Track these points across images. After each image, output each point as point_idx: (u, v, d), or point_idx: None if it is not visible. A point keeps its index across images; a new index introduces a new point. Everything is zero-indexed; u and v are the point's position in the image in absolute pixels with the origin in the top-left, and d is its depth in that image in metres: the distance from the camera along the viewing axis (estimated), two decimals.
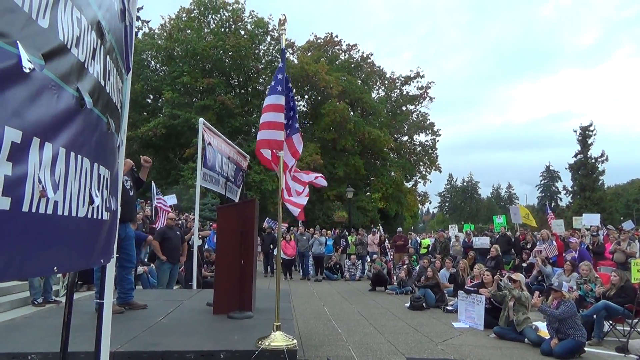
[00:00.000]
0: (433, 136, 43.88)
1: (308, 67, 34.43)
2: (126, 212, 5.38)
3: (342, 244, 17.90)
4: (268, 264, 17.06)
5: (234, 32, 35.70)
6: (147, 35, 36.87)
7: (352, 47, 43.02)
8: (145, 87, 36.15)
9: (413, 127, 43.66)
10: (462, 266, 11.94)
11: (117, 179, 2.85)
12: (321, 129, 35.97)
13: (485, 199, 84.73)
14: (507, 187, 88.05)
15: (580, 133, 51.95)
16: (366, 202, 36.04)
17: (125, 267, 5.81)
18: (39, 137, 1.48)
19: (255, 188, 28.97)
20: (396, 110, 44.38)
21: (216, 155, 9.59)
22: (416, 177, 43.96)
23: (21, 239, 1.43)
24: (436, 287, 10.68)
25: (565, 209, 53.34)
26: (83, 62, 1.89)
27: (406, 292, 12.36)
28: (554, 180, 71.04)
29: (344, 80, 37.29)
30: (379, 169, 39.68)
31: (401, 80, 44.45)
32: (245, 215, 5.66)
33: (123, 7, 2.69)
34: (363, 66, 43.13)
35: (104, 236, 2.48)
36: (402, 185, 39.84)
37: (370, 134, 35.66)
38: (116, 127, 2.66)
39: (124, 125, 3.06)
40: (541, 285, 10.96)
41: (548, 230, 15.50)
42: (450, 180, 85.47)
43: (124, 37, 2.74)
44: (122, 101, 2.90)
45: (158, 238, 9.36)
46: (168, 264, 9.29)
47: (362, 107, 39.84)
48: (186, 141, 31.74)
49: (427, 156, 43.71)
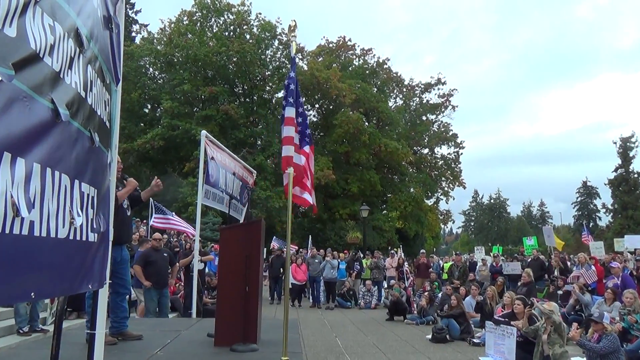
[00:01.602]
0: (456, 148, 43.84)
1: (319, 74, 34.72)
2: (123, 233, 5.42)
3: (356, 268, 17.79)
4: (275, 289, 17.00)
5: (238, 37, 36.19)
6: (145, 40, 37.58)
7: (367, 51, 43.35)
8: (143, 96, 36.70)
9: (434, 138, 43.64)
10: (490, 293, 11.78)
11: (107, 198, 2.88)
12: (333, 141, 36.10)
13: (514, 218, 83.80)
14: (539, 205, 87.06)
15: (620, 145, 51.36)
16: (383, 222, 35.90)
17: (120, 293, 5.83)
18: (10, 152, 1.50)
19: (260, 206, 29.04)
20: (415, 120, 44.45)
21: (220, 171, 9.64)
22: (438, 193, 43.82)
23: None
24: (461, 316, 10.55)
25: (605, 229, 52.52)
26: (58, 72, 1.92)
27: (428, 322, 12.23)
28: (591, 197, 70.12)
29: (358, 88, 37.50)
30: (396, 185, 39.61)
31: (421, 87, 44.62)
32: (250, 237, 5.66)
33: (107, 13, 2.74)
34: (379, 72, 43.38)
35: (92, 259, 2.50)
36: (422, 202, 39.68)
37: (387, 146, 35.69)
38: (104, 142, 2.69)
39: (115, 141, 3.09)
40: (579, 315, 10.76)
41: (586, 253, 15.27)
42: (475, 197, 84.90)
43: (110, 46, 2.79)
44: (111, 114, 2.94)
45: (141, 262, 9.29)
46: (154, 290, 9.26)
47: (378, 117, 39.96)
48: (186, 154, 32.05)
49: (449, 171, 43.57)
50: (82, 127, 2.22)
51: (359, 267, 17.95)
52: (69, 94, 2.05)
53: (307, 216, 36.83)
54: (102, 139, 2.64)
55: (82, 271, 2.34)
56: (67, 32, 2.00)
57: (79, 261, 2.27)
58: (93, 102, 2.42)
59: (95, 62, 2.48)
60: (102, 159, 2.69)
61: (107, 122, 2.79)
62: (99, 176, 2.63)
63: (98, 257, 2.63)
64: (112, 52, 2.83)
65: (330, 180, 31.90)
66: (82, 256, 2.31)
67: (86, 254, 2.39)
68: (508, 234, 76.65)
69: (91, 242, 2.44)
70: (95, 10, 2.49)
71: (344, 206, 35.23)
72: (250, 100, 38.66)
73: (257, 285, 5.66)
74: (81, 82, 2.19)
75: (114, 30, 2.83)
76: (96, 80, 2.49)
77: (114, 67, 2.90)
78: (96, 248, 2.57)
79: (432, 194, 43.36)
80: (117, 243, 5.30)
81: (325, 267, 16.66)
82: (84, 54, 2.22)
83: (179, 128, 32.21)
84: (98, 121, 2.55)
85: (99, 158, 2.59)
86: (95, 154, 2.48)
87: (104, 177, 2.76)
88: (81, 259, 2.30)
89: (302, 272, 16.67)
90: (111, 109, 2.95)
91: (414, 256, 24.97)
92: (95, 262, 2.58)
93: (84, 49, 2.22)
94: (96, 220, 2.55)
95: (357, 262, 18.18)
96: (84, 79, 2.24)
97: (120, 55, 3.04)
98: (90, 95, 2.35)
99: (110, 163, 2.96)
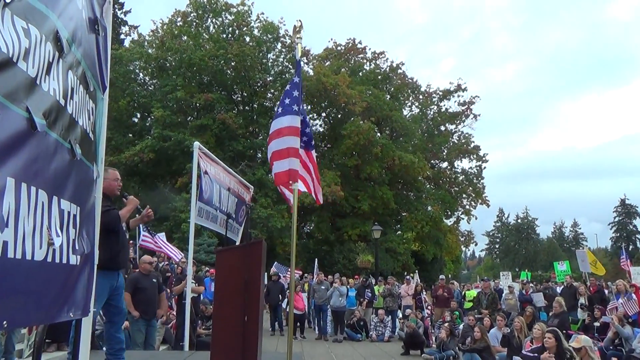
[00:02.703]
0: (479, 162, 43.83)
1: (326, 80, 34.95)
2: (120, 257, 5.44)
3: (367, 296, 17.67)
4: (276, 319, 16.91)
5: (237, 39, 36.59)
6: (135, 42, 38.06)
7: (379, 55, 43.72)
8: (132, 104, 37.06)
9: (454, 151, 43.66)
10: (517, 325, 11.65)
11: (91, 216, 2.88)
12: (341, 154, 36.20)
13: (544, 240, 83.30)
14: (572, 226, 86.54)
15: None
16: (397, 244, 35.80)
17: (114, 322, 5.82)
18: None
19: (260, 225, 29.05)
20: (433, 130, 44.54)
21: (214, 187, 9.66)
22: (458, 212, 43.72)
23: None
24: (485, 350, 10.44)
25: None
26: (34, 78, 1.94)
27: (448, 357, 12.10)
28: (631, 217, 69.70)
29: (369, 95, 37.70)
30: (412, 203, 39.56)
31: (439, 94, 44.81)
32: (250, 260, 5.65)
33: (94, 15, 2.76)
34: (392, 78, 43.67)
35: (73, 284, 2.49)
36: (441, 222, 39.58)
37: (402, 159, 35.73)
38: (87, 155, 2.70)
39: (101, 154, 3.11)
40: (619, 350, 10.64)
41: (625, 280, 15.12)
42: (500, 217, 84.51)
43: (96, 50, 2.82)
44: (96, 124, 2.96)
45: (129, 289, 9.19)
46: (142, 321, 9.19)
47: (391, 127, 40.10)
48: (178, 168, 32.18)
49: (471, 187, 43.50)
50: (61, 139, 2.24)
51: (370, 294, 17.82)
52: (46, 102, 2.07)
53: (313, 237, 36.80)
54: (85, 152, 2.66)
55: (62, 297, 2.34)
56: (45, 36, 2.02)
57: (59, 286, 2.27)
58: (74, 111, 2.44)
59: (78, 67, 2.50)
60: (85, 174, 2.70)
61: (90, 133, 2.81)
62: (82, 192, 2.63)
63: (81, 282, 2.63)
64: (98, 57, 2.86)
65: (339, 197, 31.89)
66: (61, 280, 2.30)
67: (67, 278, 2.38)
68: (537, 258, 76.09)
69: (72, 264, 2.44)
70: (80, 11, 2.52)
71: (353, 226, 35.16)
72: (250, 108, 38.92)
73: (258, 314, 5.63)
74: (60, 89, 2.21)
75: (100, 33, 2.86)
76: (78, 87, 2.51)
77: (99, 73, 2.93)
78: (79, 271, 2.57)
79: (452, 213, 43.26)
80: (113, 268, 5.34)
81: (333, 294, 16.55)
82: (64, 58, 2.25)
83: (171, 139, 32.40)
84: (80, 132, 2.57)
85: (81, 172, 2.60)
86: (76, 167, 2.49)
87: (87, 194, 2.77)
88: (61, 283, 2.30)
89: (301, 300, 16.57)
90: (96, 118, 2.97)
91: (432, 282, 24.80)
92: (77, 287, 2.57)
93: (64, 53, 2.24)
94: (79, 241, 2.56)
95: (369, 289, 18.04)
96: (64, 86, 2.27)
97: (107, 60, 3.07)
98: (70, 104, 2.37)
99: (97, 178, 2.98)
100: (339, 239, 35.50)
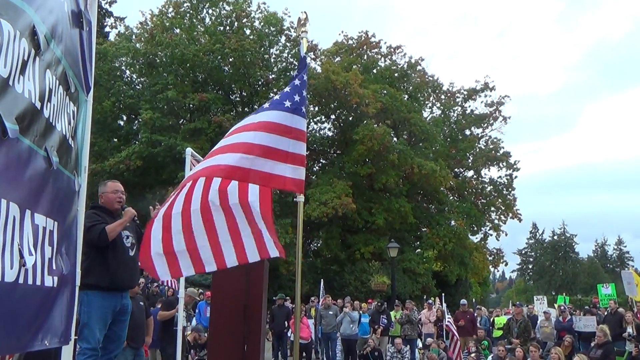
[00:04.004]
0: (509, 170, 43.59)
1: (335, 78, 34.97)
2: (125, 277, 5.46)
3: (383, 323, 17.61)
4: (279, 348, 16.87)
5: (236, 32, 36.70)
6: (122, 36, 38.21)
7: (396, 49, 43.73)
8: (117, 105, 37.15)
9: (481, 158, 43.50)
10: (555, 356, 11.59)
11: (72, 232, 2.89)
12: (353, 161, 36.17)
13: (585, 260, 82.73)
14: (616, 243, 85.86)
15: None
16: (416, 263, 35.64)
17: (109, 350, 5.82)
18: None
19: None
20: (457, 135, 44.45)
21: None
22: (486, 227, 43.45)
23: None
24: None
25: None
26: (6, 79, 1.95)
27: None
28: None
29: (385, 95, 37.68)
30: (433, 217, 39.41)
31: (463, 94, 44.76)
32: (250, 283, 5.66)
33: (77, 7, 2.77)
34: (411, 75, 43.69)
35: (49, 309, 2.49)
36: (466, 239, 39.36)
37: (422, 167, 35.61)
38: (66, 164, 2.71)
39: (84, 162, 3.11)
40: None
41: None
42: (534, 233, 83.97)
43: (79, 47, 2.84)
44: (77, 130, 2.97)
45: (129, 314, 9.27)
46: (130, 350, 9.18)
47: (409, 130, 40.03)
48: (169, 177, 32.19)
49: (500, 198, 43.27)
50: (35, 146, 2.24)
51: (386, 321, 17.77)
52: (19, 105, 2.07)
53: (321, 256, 36.65)
54: (64, 160, 2.66)
55: (36, 323, 2.34)
56: (19, 31, 2.04)
57: (32, 311, 2.27)
58: (51, 114, 2.44)
59: (57, 66, 2.52)
60: (64, 185, 2.70)
61: (70, 140, 2.81)
62: (60, 205, 2.63)
63: (59, 306, 2.63)
64: (81, 54, 2.87)
65: (350, 210, 31.81)
66: (35, 305, 2.30)
67: (42, 301, 2.38)
68: (577, 280, 75.53)
69: (48, 287, 2.44)
70: (61, 3, 2.53)
71: (366, 243, 35.03)
72: (249, 109, 38.94)
73: (259, 343, 5.63)
74: (36, 91, 2.22)
75: (84, 27, 2.87)
76: (57, 88, 2.52)
77: (83, 72, 2.94)
78: (55, 294, 2.57)
79: (479, 228, 43.01)
80: (115, 289, 5.38)
81: (343, 320, 16.49)
82: (41, 56, 2.26)
83: (161, 144, 32.47)
84: (58, 138, 2.57)
85: (59, 183, 2.60)
86: (53, 178, 2.49)
87: (67, 207, 2.77)
88: (34, 308, 2.29)
89: (306, 327, 16.51)
90: (77, 123, 2.97)
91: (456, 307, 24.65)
92: (54, 311, 2.57)
93: (41, 50, 2.25)
94: (56, 260, 2.56)
95: (384, 315, 17.99)
96: (41, 87, 2.27)
97: (92, 58, 3.08)
98: (48, 107, 2.38)
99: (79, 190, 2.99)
100: (350, 257, 35.34)
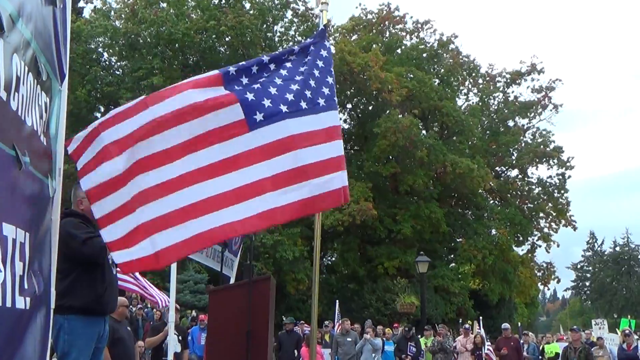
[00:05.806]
0: (561, 169, 43.32)
1: (352, 59, 34.90)
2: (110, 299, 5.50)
3: (411, 351, 17.60)
4: None
5: (233, 6, 36.70)
6: (99, 12, 38.26)
7: (424, 25, 43.65)
8: (93, 94, 37.24)
9: (527, 154, 43.23)
10: None
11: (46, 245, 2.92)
12: (374, 159, 36.13)
13: None
14: None
15: None
16: (450, 280, 35.54)
17: None
18: None
19: (265, 256, 29.04)
20: (498, 127, 44.25)
21: None
22: (533, 237, 43.28)
23: None
24: None
25: None
26: None
27: None
28: None
29: (411, 79, 37.62)
30: (470, 225, 39.27)
31: (506, 77, 44.60)
32: (254, 303, 5.68)
33: None
34: (442, 56, 43.59)
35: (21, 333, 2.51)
36: (509, 251, 39.17)
37: (456, 165, 35.48)
38: (38, 165, 2.72)
39: (59, 162, 3.13)
40: None
41: None
42: (592, 244, 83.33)
43: (53, 29, 2.86)
44: (50, 124, 2.98)
45: (107, 341, 9.31)
46: None
47: (441, 121, 39.97)
48: None
49: (551, 202, 43.01)
50: (1, 144, 2.25)
51: (414, 349, 17.75)
52: None
53: (336, 272, 36.52)
54: (36, 161, 2.68)
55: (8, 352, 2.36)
56: None
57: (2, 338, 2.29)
58: (20, 107, 2.45)
59: (27, 49, 2.53)
60: (36, 190, 2.72)
61: (42, 136, 2.83)
62: (33, 214, 2.65)
63: (32, 332, 2.66)
64: (55, 37, 2.88)
65: (370, 217, 31.77)
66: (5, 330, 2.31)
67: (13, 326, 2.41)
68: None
69: (20, 309, 2.46)
70: None
71: (390, 256, 34.95)
72: None
73: None
74: (1, 79, 2.23)
75: (58, 4, 2.89)
76: (26, 75, 2.53)
77: (57, 57, 2.95)
78: (28, 318, 2.60)
79: (525, 239, 42.81)
80: (100, 312, 5.42)
81: (364, 349, 16.49)
82: (5, 39, 2.26)
83: None
84: (28, 134, 2.59)
85: (30, 188, 2.62)
86: (23, 182, 2.50)
87: (40, 216, 2.79)
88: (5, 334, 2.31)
89: (320, 357, 16.47)
90: (51, 116, 3.00)
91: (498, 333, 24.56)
92: (26, 338, 2.59)
93: (4, 32, 2.25)
94: (28, 278, 2.58)
95: (412, 342, 17.98)
96: (7, 74, 2.28)
97: (67, 41, 3.10)
98: (15, 97, 2.39)
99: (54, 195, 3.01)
100: (371, 273, 35.29)
